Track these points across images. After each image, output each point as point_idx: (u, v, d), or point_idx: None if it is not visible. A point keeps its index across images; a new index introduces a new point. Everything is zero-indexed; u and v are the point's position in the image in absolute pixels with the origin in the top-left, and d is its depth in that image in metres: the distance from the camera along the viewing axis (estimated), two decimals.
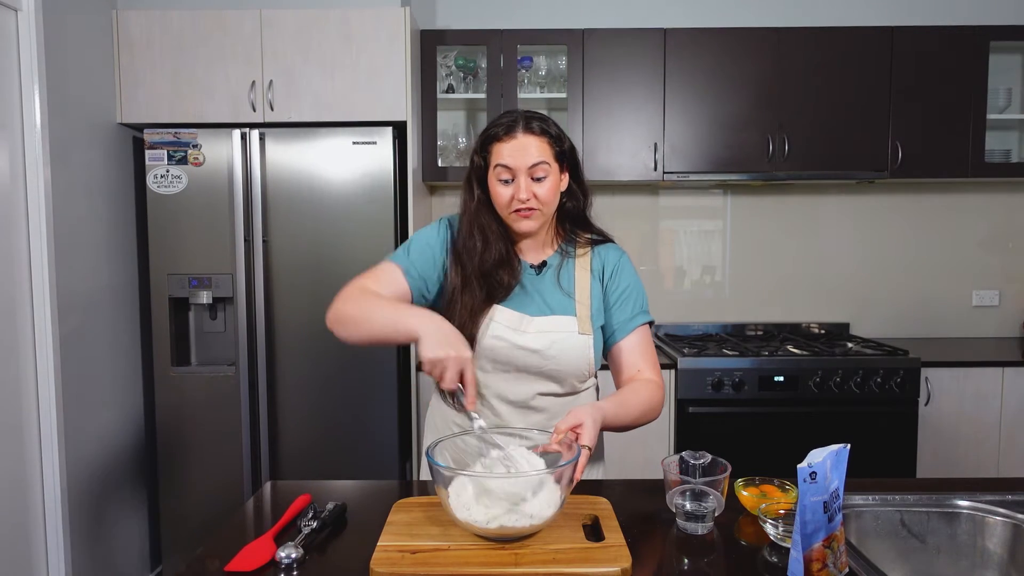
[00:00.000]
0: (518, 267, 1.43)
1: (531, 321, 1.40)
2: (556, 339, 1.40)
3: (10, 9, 2.12)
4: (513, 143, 1.34)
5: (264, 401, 2.61)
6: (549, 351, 1.40)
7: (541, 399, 1.44)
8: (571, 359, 1.41)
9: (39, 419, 2.24)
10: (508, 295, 1.41)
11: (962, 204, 3.25)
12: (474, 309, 1.38)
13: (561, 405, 1.45)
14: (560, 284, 1.44)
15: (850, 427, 2.65)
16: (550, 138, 1.37)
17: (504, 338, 1.39)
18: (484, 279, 1.39)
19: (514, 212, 1.36)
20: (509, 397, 1.43)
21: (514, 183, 1.34)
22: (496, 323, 1.40)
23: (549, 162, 1.35)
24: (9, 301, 2.13)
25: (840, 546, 1.00)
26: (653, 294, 3.34)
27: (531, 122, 1.36)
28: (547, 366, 1.41)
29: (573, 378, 1.44)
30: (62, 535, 2.27)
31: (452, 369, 1.20)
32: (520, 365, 1.41)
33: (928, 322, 3.29)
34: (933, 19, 3.09)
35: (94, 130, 2.50)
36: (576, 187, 1.45)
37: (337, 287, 2.76)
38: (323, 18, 2.57)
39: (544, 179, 1.35)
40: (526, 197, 1.34)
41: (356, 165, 2.56)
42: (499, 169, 1.36)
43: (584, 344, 1.41)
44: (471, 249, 1.40)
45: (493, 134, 1.37)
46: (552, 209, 1.40)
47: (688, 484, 1.22)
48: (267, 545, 1.12)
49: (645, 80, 2.88)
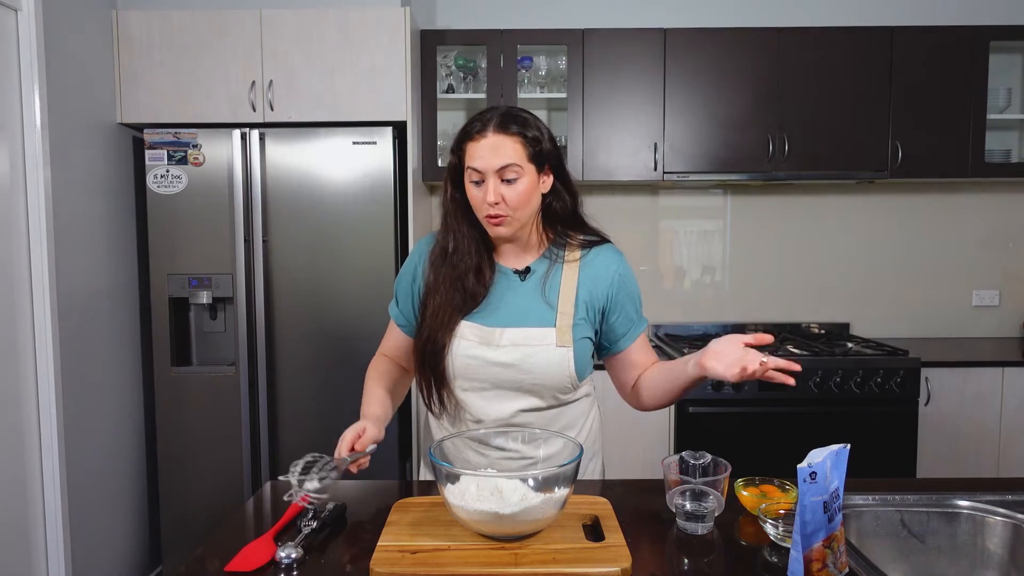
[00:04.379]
0: (490, 275, 1.36)
1: (503, 333, 1.33)
2: (530, 352, 1.32)
3: (10, 9, 2.12)
4: (483, 143, 1.27)
5: (264, 401, 2.61)
6: (524, 364, 1.33)
7: (523, 415, 1.37)
8: (548, 373, 1.33)
9: (39, 419, 2.24)
10: (476, 305, 1.34)
11: (962, 204, 3.25)
12: (443, 318, 1.33)
13: (546, 420, 1.39)
14: (544, 292, 1.36)
15: (850, 427, 2.65)
16: (524, 139, 1.28)
17: (476, 356, 1.34)
18: (458, 284, 1.34)
19: (487, 217, 1.30)
20: (491, 416, 1.37)
21: (483, 185, 1.28)
22: (465, 340, 1.34)
23: (521, 164, 1.27)
24: (9, 301, 2.13)
25: (840, 546, 1.00)
26: (653, 294, 3.36)
27: (506, 121, 1.28)
28: (525, 380, 1.34)
29: (554, 391, 1.37)
30: (62, 535, 2.27)
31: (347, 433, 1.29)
32: (496, 381, 1.35)
33: (928, 322, 3.29)
34: (933, 19, 3.09)
35: (94, 130, 2.50)
36: (562, 187, 1.36)
37: (337, 287, 2.76)
38: (323, 18, 2.57)
39: (515, 181, 1.27)
40: (494, 200, 1.26)
41: (356, 165, 2.56)
42: (470, 171, 1.29)
43: (562, 357, 1.33)
44: (448, 252, 1.35)
45: (467, 132, 1.30)
46: (526, 214, 1.31)
47: (688, 484, 1.22)
48: (267, 545, 1.12)
49: (645, 80, 2.88)
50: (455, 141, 1.34)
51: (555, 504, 1.09)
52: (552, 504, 1.09)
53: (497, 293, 1.37)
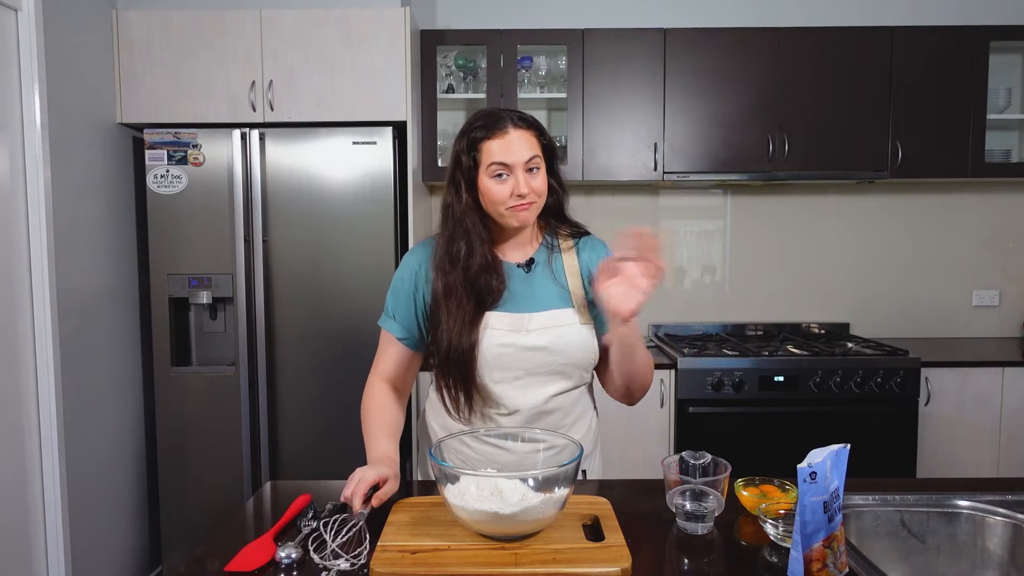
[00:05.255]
0: (503, 271, 1.40)
1: (531, 318, 1.39)
2: (560, 332, 1.39)
3: (10, 9, 2.12)
4: (506, 139, 1.34)
5: (264, 401, 2.61)
6: (556, 345, 1.38)
7: (554, 400, 1.42)
8: (578, 351, 1.40)
9: (39, 419, 2.24)
10: (499, 300, 1.39)
11: (962, 204, 3.25)
12: (465, 319, 1.36)
13: (571, 402, 1.45)
14: (554, 276, 1.44)
15: (850, 427, 2.65)
16: (537, 131, 1.38)
17: (509, 343, 1.37)
18: (470, 285, 1.37)
19: (511, 208, 1.35)
20: (526, 405, 1.40)
21: (511, 178, 1.33)
22: (495, 330, 1.37)
23: (539, 155, 1.37)
24: (9, 301, 2.13)
25: (840, 546, 1.00)
26: (653, 294, 3.34)
27: (521, 118, 1.37)
28: (557, 362, 1.39)
29: (581, 370, 1.43)
30: (62, 535, 2.27)
31: (355, 479, 1.22)
32: (530, 367, 1.39)
33: (928, 322, 3.29)
34: (933, 19, 3.09)
35: (94, 130, 2.50)
36: (555, 182, 1.44)
37: (337, 287, 2.75)
38: (323, 18, 2.57)
39: (538, 171, 1.36)
40: (526, 191, 1.33)
41: (356, 165, 2.56)
42: (494, 167, 1.34)
43: (588, 333, 1.41)
44: (455, 255, 1.37)
45: (482, 134, 1.36)
46: (544, 202, 1.41)
47: (688, 484, 1.22)
48: (267, 545, 1.12)
49: (645, 80, 2.88)
50: (465, 144, 1.38)
51: (555, 504, 1.09)
52: (552, 504, 1.09)
53: (509, 287, 1.41)
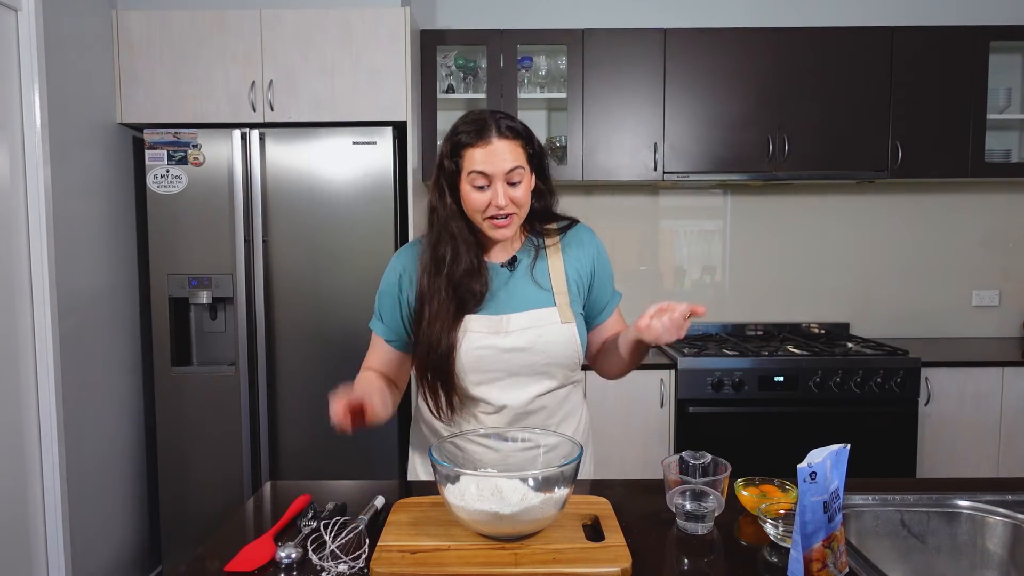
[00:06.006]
0: (487, 275, 1.40)
1: (511, 319, 1.39)
2: (541, 332, 1.39)
3: (10, 9, 2.12)
4: (488, 148, 1.30)
5: (264, 401, 2.61)
6: (536, 346, 1.38)
7: (540, 400, 1.43)
8: (559, 350, 1.40)
9: (39, 419, 2.24)
10: (480, 304, 1.39)
11: (962, 204, 3.25)
12: (445, 321, 1.36)
13: (557, 401, 1.45)
14: (534, 277, 1.43)
15: (850, 427, 2.65)
16: (523, 140, 1.34)
17: (487, 345, 1.38)
18: (454, 289, 1.37)
19: (489, 219, 1.34)
20: (510, 405, 1.41)
21: (491, 189, 1.31)
22: (473, 333, 1.38)
23: (524, 166, 1.33)
24: (9, 301, 2.13)
25: (840, 546, 1.00)
26: (653, 294, 3.36)
27: (507, 127, 1.33)
28: (538, 362, 1.40)
29: (566, 369, 1.43)
30: (62, 535, 2.27)
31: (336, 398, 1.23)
32: (511, 368, 1.39)
33: (928, 322, 3.29)
34: (933, 19, 3.09)
35: (94, 130, 2.50)
36: (543, 186, 1.42)
37: (337, 287, 2.76)
38: (323, 18, 2.57)
39: (520, 183, 1.33)
40: (504, 203, 1.31)
41: (356, 165, 2.56)
42: (474, 175, 1.31)
43: (569, 332, 1.40)
44: (439, 259, 1.37)
45: (465, 139, 1.32)
46: (526, 212, 1.38)
47: (688, 484, 1.22)
48: (267, 545, 1.12)
49: (645, 80, 2.88)
50: (448, 148, 1.36)
51: (555, 504, 1.09)
52: (552, 504, 1.09)
53: (492, 288, 1.41)
